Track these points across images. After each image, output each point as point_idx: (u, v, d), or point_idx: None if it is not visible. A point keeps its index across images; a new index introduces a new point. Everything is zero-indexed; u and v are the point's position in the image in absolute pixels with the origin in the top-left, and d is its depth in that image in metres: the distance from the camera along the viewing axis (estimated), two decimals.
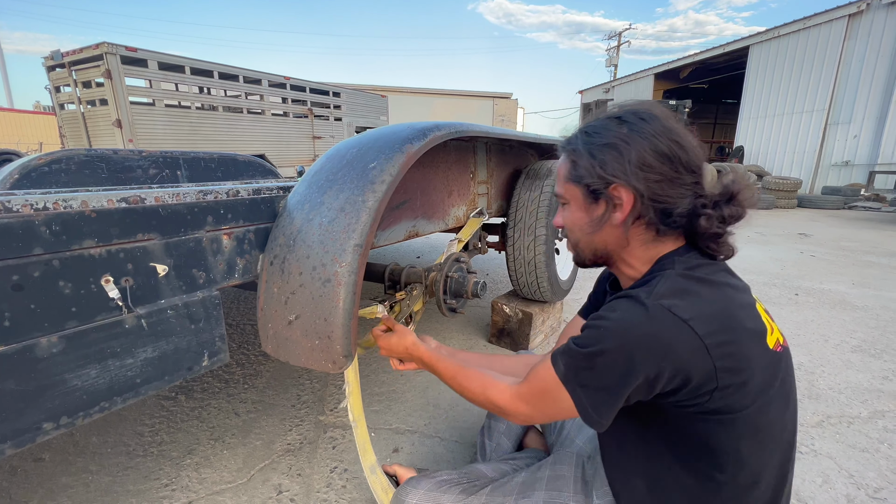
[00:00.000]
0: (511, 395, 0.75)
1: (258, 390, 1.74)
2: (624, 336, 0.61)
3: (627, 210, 0.69)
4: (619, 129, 0.69)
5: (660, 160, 0.66)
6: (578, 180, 0.72)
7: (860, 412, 1.61)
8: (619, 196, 0.69)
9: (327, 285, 0.82)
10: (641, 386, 0.61)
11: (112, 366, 0.70)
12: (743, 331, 0.63)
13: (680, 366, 0.59)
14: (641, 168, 0.66)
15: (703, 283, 0.65)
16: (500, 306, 2.14)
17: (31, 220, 0.61)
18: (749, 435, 0.63)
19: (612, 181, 0.68)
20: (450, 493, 0.89)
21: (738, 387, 0.61)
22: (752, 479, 0.65)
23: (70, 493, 1.20)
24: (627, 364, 0.60)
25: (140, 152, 1.60)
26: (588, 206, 0.74)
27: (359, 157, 0.94)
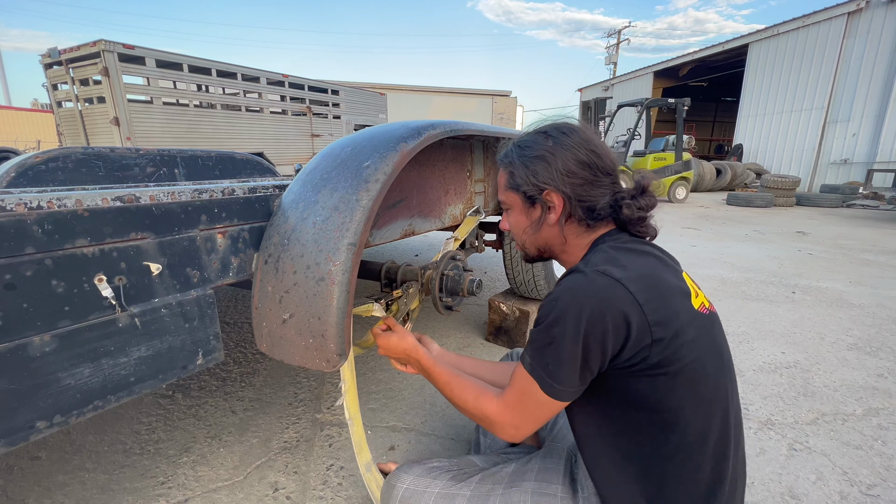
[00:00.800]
0: (498, 405, 0.78)
1: (255, 388, 1.75)
2: (570, 299, 0.69)
3: (559, 211, 0.81)
4: (546, 143, 0.81)
5: (580, 167, 0.78)
6: (516, 188, 0.84)
7: (855, 410, 1.62)
8: (552, 200, 0.80)
9: (321, 284, 0.82)
10: (595, 349, 0.67)
11: (105, 364, 0.70)
12: (669, 289, 0.71)
13: (620, 320, 0.66)
14: (566, 175, 0.78)
15: (631, 252, 0.76)
16: (498, 304, 2.14)
17: (23, 220, 0.61)
18: (688, 388, 0.69)
19: (544, 188, 0.80)
20: (439, 480, 0.90)
21: (670, 340, 0.67)
22: (699, 436, 0.71)
23: (66, 491, 1.21)
24: (578, 325, 0.67)
25: (137, 150, 1.60)
26: (527, 210, 0.85)
27: (353, 156, 0.94)
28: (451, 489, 0.88)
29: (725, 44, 14.53)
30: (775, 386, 1.79)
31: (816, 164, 12.06)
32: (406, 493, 0.89)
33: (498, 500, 0.84)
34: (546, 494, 0.82)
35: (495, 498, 0.84)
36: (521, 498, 0.83)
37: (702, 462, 0.71)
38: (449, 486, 0.88)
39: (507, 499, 0.83)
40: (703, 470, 0.71)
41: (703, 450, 0.71)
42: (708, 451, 0.71)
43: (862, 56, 10.81)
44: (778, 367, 1.95)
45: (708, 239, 5.12)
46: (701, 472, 0.71)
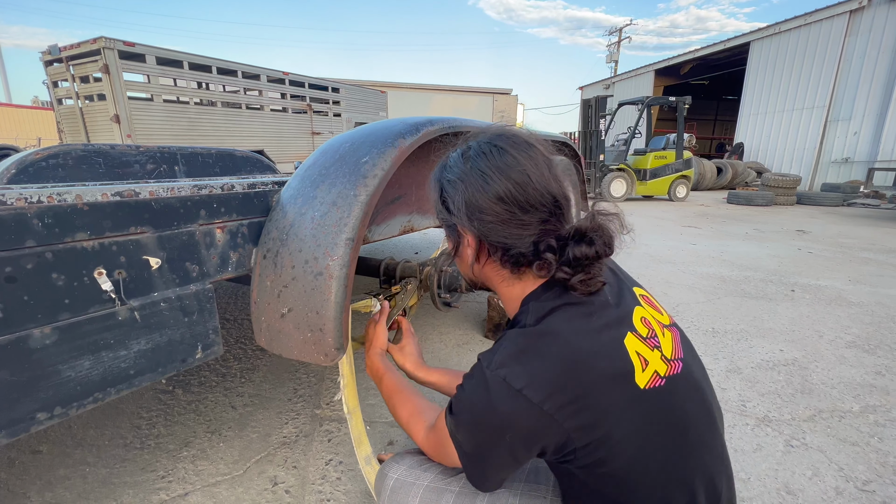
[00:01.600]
0: (423, 438, 0.77)
1: (255, 384, 1.75)
2: (471, 413, 0.62)
3: (472, 250, 0.69)
4: (463, 167, 0.67)
5: (492, 201, 0.63)
6: (436, 214, 0.73)
7: (852, 407, 1.63)
8: (465, 236, 0.69)
9: (319, 278, 0.83)
10: (504, 454, 0.61)
11: (105, 357, 0.71)
12: (595, 382, 0.58)
13: (526, 435, 0.58)
14: (475, 210, 0.64)
15: (547, 336, 0.61)
16: (496, 301, 2.15)
17: (23, 213, 0.62)
18: (640, 477, 0.60)
19: (454, 222, 0.68)
20: (430, 472, 0.89)
21: (599, 441, 0.58)
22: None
23: (67, 485, 1.22)
24: (481, 436, 0.61)
25: (137, 147, 1.60)
26: (450, 237, 0.74)
27: (351, 152, 0.94)
28: (440, 483, 0.87)
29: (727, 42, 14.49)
30: (773, 383, 1.79)
31: (817, 163, 12.04)
32: (396, 483, 0.89)
33: (486, 500, 0.82)
34: (535, 496, 0.81)
35: (483, 497, 0.82)
36: (510, 499, 0.81)
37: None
38: (438, 481, 0.88)
39: (494, 498, 0.81)
40: None
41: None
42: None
43: (864, 54, 10.78)
44: (776, 365, 1.96)
45: (708, 237, 5.12)
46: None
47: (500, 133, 0.69)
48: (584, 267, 0.61)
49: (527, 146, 0.66)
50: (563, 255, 0.62)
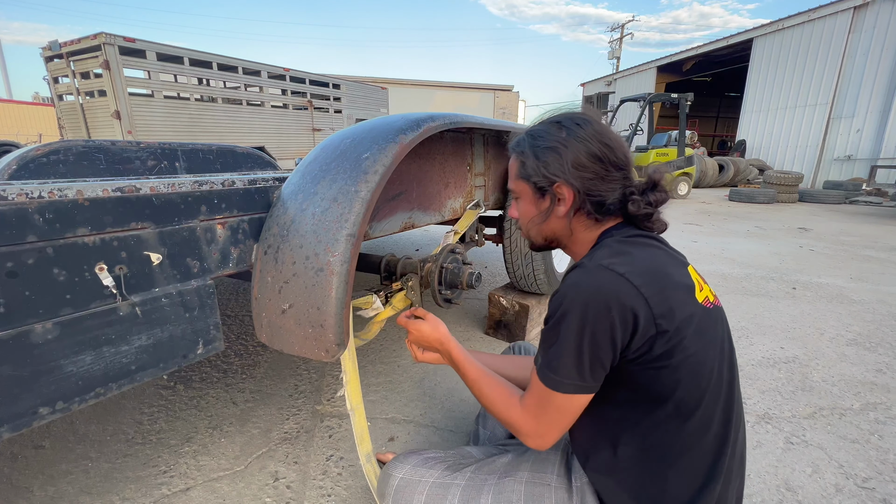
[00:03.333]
0: (521, 414, 0.78)
1: (256, 380, 1.76)
2: (576, 294, 0.69)
3: (569, 204, 0.80)
4: (559, 134, 0.79)
5: (592, 161, 0.77)
6: (527, 178, 0.83)
7: (852, 404, 1.63)
8: (562, 192, 0.80)
9: (320, 274, 0.83)
10: (604, 343, 0.67)
11: (107, 352, 0.71)
12: (673, 283, 0.71)
13: (626, 314, 0.66)
14: (577, 168, 0.77)
15: (636, 245, 0.75)
16: (497, 298, 2.15)
17: (24, 209, 0.62)
18: (690, 380, 0.69)
19: (555, 180, 0.79)
20: (435, 469, 0.91)
21: (674, 332, 0.67)
22: (699, 428, 0.71)
23: (70, 480, 1.22)
24: (584, 320, 0.67)
25: (138, 144, 1.60)
26: (536, 201, 0.84)
27: (352, 148, 0.94)
28: (445, 479, 0.88)
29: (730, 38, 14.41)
30: (773, 380, 1.79)
31: (820, 161, 11.99)
32: (402, 483, 0.89)
33: (492, 490, 0.84)
34: (540, 484, 0.82)
35: (489, 487, 0.85)
36: (515, 487, 0.83)
37: (699, 454, 0.71)
38: (444, 476, 0.89)
39: (500, 488, 0.84)
40: (698, 463, 0.71)
41: (702, 442, 0.71)
42: (706, 445, 0.71)
43: (867, 51, 10.71)
44: (777, 362, 1.96)
45: (709, 235, 5.12)
46: (697, 465, 0.71)
47: (580, 110, 0.84)
48: (657, 208, 0.80)
49: (602, 120, 0.82)
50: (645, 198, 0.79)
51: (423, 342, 0.99)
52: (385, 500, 0.90)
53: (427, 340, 0.98)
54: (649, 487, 0.73)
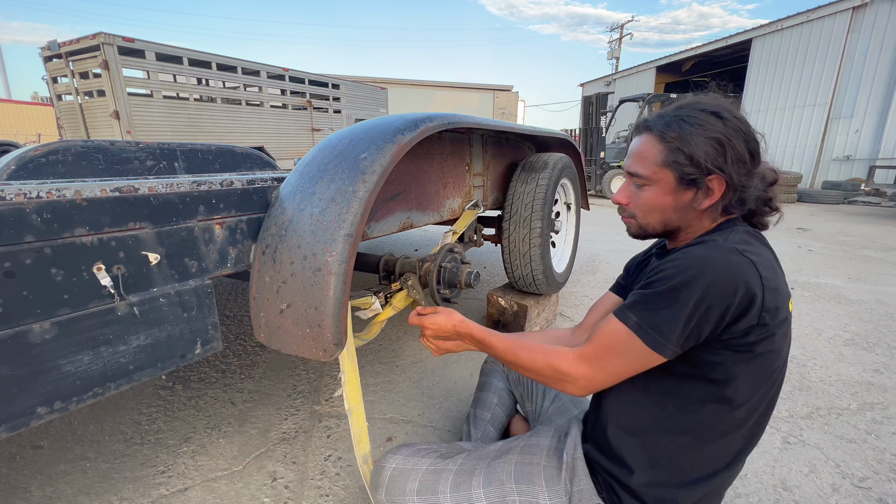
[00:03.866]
0: (574, 359, 0.78)
1: (254, 380, 1.76)
2: (707, 267, 0.68)
3: (717, 198, 0.77)
4: (720, 125, 0.74)
5: (749, 156, 0.75)
6: (676, 167, 0.77)
7: (849, 404, 1.63)
8: (713, 186, 0.76)
9: (318, 274, 0.83)
10: (713, 319, 0.68)
11: (105, 352, 0.71)
12: (782, 285, 0.73)
13: (747, 298, 0.67)
14: (738, 163, 0.74)
15: (760, 241, 0.77)
16: (496, 298, 2.15)
17: (22, 209, 0.62)
18: (758, 371, 0.72)
19: (713, 172, 0.75)
20: (427, 458, 0.93)
21: (770, 328, 0.70)
22: (748, 413, 0.74)
23: (68, 480, 1.22)
24: (707, 292, 0.67)
25: (137, 144, 1.60)
26: (677, 190, 0.79)
27: (350, 148, 0.94)
28: (437, 465, 0.91)
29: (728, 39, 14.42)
30: None
31: (819, 161, 12.00)
32: (395, 472, 0.91)
33: (483, 472, 0.86)
34: (529, 463, 0.85)
35: (480, 470, 0.87)
36: (505, 467, 0.86)
37: (734, 440, 0.75)
38: (436, 463, 0.91)
39: (491, 469, 0.86)
40: (731, 447, 0.76)
41: (741, 430, 0.75)
42: (742, 432, 0.75)
43: (866, 52, 10.72)
44: None
45: None
46: (729, 448, 0.76)
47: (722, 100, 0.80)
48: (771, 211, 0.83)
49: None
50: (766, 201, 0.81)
51: (442, 333, 0.97)
52: (378, 492, 0.92)
53: (445, 331, 0.95)
54: (675, 458, 0.76)
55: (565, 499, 0.80)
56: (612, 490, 0.79)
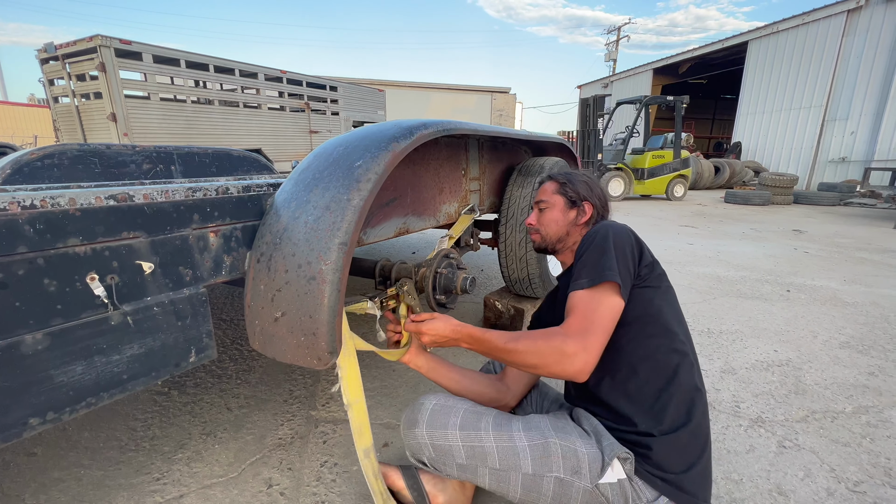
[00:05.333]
0: (563, 336, 0.87)
1: (250, 386, 1.76)
2: (606, 228, 0.99)
3: (588, 215, 1.19)
4: (585, 177, 1.24)
5: (601, 195, 1.23)
6: (565, 194, 1.21)
7: (845, 407, 1.64)
8: (586, 207, 1.19)
9: (312, 283, 0.83)
10: (629, 253, 0.95)
11: (98, 362, 0.71)
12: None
13: (636, 243, 0.99)
14: (597, 197, 1.21)
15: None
16: (493, 302, 2.15)
17: (15, 219, 0.62)
18: (671, 303, 0.99)
19: (586, 198, 1.20)
20: (465, 402, 1.01)
21: (655, 266, 1.00)
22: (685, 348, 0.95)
23: (62, 487, 1.22)
24: (616, 238, 0.96)
25: (133, 147, 1.60)
26: (565, 210, 1.21)
27: (345, 156, 0.94)
28: (478, 408, 0.99)
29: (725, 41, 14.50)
30: (767, 384, 1.80)
31: (814, 163, 12.07)
32: (436, 407, 0.97)
33: (521, 421, 0.96)
34: (563, 424, 0.95)
35: (518, 420, 0.97)
36: (542, 421, 0.96)
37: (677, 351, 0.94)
38: (475, 406, 0.99)
39: (528, 420, 0.97)
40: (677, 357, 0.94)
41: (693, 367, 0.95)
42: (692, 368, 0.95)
43: (861, 54, 10.80)
44: (770, 366, 1.97)
45: (705, 237, 5.14)
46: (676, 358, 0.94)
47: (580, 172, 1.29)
48: None
49: None
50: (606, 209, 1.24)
51: (440, 339, 1.03)
52: (417, 426, 0.96)
53: (443, 335, 1.02)
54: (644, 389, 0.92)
55: (597, 449, 0.87)
56: (630, 444, 0.89)
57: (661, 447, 0.86)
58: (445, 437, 0.93)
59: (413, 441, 0.97)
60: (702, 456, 0.89)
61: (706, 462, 0.90)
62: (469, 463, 0.91)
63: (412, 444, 0.98)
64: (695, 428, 0.89)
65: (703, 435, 0.91)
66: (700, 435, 0.90)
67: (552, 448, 0.88)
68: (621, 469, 0.85)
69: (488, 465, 0.90)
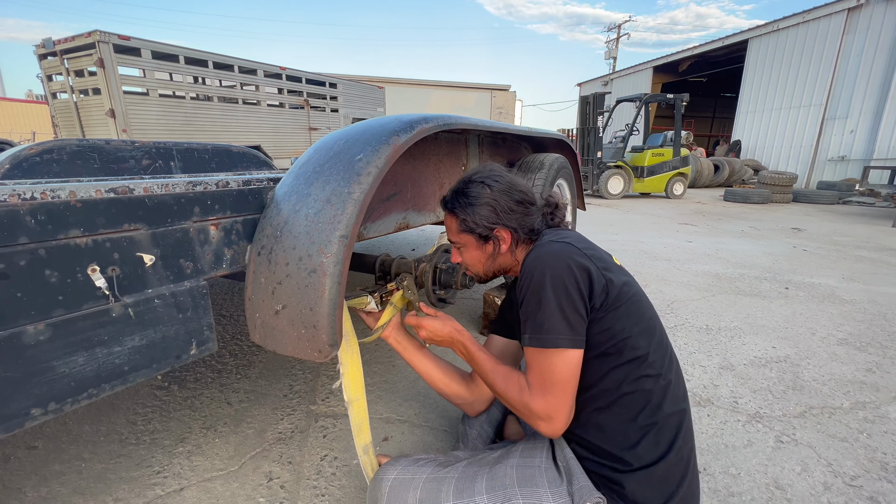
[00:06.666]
0: (529, 395, 0.84)
1: (251, 380, 1.76)
2: (540, 265, 0.84)
3: (508, 242, 1.00)
4: (485, 192, 0.98)
5: (516, 204, 0.99)
6: (470, 231, 1.01)
7: (842, 403, 1.65)
8: (502, 235, 1.00)
9: (313, 276, 0.83)
10: (575, 294, 0.81)
11: (99, 353, 0.71)
12: (597, 248, 0.92)
13: (581, 269, 0.83)
14: (509, 213, 0.98)
15: (564, 230, 1.00)
16: (492, 298, 2.16)
17: (16, 210, 0.62)
18: (635, 319, 0.86)
19: (494, 227, 0.99)
20: (427, 467, 0.94)
21: (614, 281, 0.85)
22: (656, 369, 0.85)
23: (63, 480, 1.22)
24: (554, 280, 0.82)
25: (133, 143, 1.60)
26: (481, 246, 1.03)
27: (345, 149, 0.95)
28: (438, 473, 0.91)
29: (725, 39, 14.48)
30: (765, 380, 1.81)
31: (814, 161, 12.07)
32: (395, 483, 0.90)
33: (485, 477, 0.87)
34: (530, 466, 0.87)
35: (482, 475, 0.88)
36: (507, 472, 0.87)
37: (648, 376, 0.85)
38: (437, 472, 0.91)
39: (493, 474, 0.87)
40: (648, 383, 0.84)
41: (668, 390, 0.85)
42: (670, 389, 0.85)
43: (861, 52, 10.79)
44: (768, 362, 1.98)
45: (704, 235, 5.15)
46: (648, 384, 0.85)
47: (489, 168, 1.04)
48: (562, 217, 1.06)
49: (508, 172, 1.05)
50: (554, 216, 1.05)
51: (437, 338, 1.04)
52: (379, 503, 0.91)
53: (440, 335, 1.03)
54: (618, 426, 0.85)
55: (568, 499, 0.82)
56: (605, 483, 0.83)
57: (636, 483, 0.81)
58: None
59: None
60: (682, 483, 0.83)
61: (689, 487, 0.84)
62: None
63: None
64: (673, 458, 0.83)
65: (685, 461, 0.85)
66: (680, 462, 0.84)
67: None
68: None
69: None
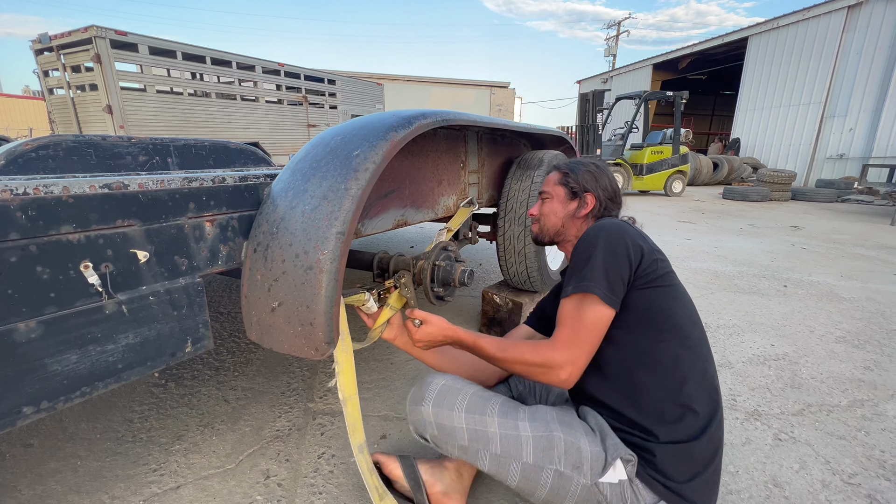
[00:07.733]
0: (553, 346, 0.89)
1: (248, 378, 1.75)
2: (599, 231, 0.94)
3: (590, 208, 1.14)
4: (593, 166, 1.18)
5: (609, 185, 1.16)
6: (566, 185, 1.17)
7: (840, 401, 1.65)
8: (588, 199, 1.15)
9: (309, 273, 0.83)
10: (623, 261, 0.90)
11: (93, 351, 0.71)
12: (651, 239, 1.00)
13: (636, 242, 0.92)
14: (602, 189, 1.15)
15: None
16: (491, 296, 2.15)
17: (7, 206, 0.61)
18: (680, 301, 0.94)
19: (588, 190, 1.15)
20: (473, 386, 1.01)
21: (664, 264, 0.95)
22: (696, 353, 0.91)
23: (59, 478, 1.21)
24: (608, 244, 0.90)
25: (129, 139, 1.58)
26: (566, 201, 1.17)
27: (342, 145, 0.94)
28: (485, 394, 0.98)
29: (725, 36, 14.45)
30: (763, 378, 1.81)
31: (813, 159, 12.08)
32: (444, 387, 0.98)
33: (527, 412, 0.95)
34: (568, 415, 0.95)
35: (523, 410, 0.96)
36: (546, 413, 0.95)
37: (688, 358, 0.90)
38: (483, 392, 0.99)
39: (534, 411, 0.95)
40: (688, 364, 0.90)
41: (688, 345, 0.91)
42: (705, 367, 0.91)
43: (861, 50, 10.78)
44: (767, 360, 1.98)
45: (703, 233, 5.15)
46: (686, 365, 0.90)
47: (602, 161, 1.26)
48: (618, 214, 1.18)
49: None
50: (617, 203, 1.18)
51: (433, 343, 1.07)
52: (423, 403, 0.97)
53: (436, 340, 1.06)
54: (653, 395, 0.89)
55: (601, 448, 0.87)
56: (634, 447, 0.88)
57: (666, 454, 0.84)
58: (450, 418, 0.94)
59: (418, 418, 0.98)
60: (709, 466, 0.86)
61: (713, 472, 0.87)
62: (471, 446, 0.92)
63: (416, 421, 0.99)
64: (705, 441, 0.86)
65: (714, 447, 0.88)
66: (710, 447, 0.87)
67: (555, 441, 0.88)
68: (623, 470, 0.84)
69: (490, 449, 0.91)
